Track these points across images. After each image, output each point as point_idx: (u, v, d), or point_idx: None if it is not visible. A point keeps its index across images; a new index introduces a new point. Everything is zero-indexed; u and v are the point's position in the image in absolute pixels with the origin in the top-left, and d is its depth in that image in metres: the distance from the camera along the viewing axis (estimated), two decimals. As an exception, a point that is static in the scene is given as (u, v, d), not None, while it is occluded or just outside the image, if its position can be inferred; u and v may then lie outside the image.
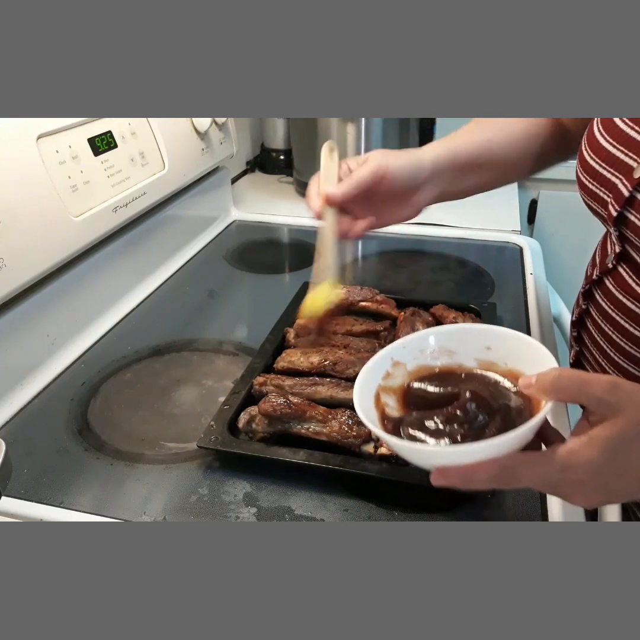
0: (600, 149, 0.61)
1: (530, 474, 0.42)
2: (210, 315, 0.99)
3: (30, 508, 0.61)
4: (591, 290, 0.68)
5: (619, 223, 0.58)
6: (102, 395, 0.78)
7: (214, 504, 0.61)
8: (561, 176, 1.70)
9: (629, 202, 0.56)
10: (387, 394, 0.51)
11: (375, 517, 0.59)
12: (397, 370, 0.52)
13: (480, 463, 0.41)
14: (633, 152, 0.57)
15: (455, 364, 0.52)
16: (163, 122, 1.02)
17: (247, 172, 1.66)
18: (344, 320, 0.83)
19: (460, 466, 0.42)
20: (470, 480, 0.42)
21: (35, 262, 0.75)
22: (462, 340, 0.52)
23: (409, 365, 0.53)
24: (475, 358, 0.52)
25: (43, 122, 0.77)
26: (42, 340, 0.81)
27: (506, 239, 1.21)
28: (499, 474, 0.42)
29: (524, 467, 0.42)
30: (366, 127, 1.33)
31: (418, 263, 1.15)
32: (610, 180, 0.59)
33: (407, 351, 0.53)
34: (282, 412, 0.65)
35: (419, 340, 0.53)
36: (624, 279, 0.61)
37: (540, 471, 0.42)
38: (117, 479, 0.64)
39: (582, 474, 0.41)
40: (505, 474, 0.42)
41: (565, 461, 0.41)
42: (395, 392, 0.52)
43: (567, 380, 0.42)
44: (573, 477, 0.41)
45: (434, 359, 0.53)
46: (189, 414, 0.74)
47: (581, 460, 0.41)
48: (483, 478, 0.42)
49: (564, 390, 0.43)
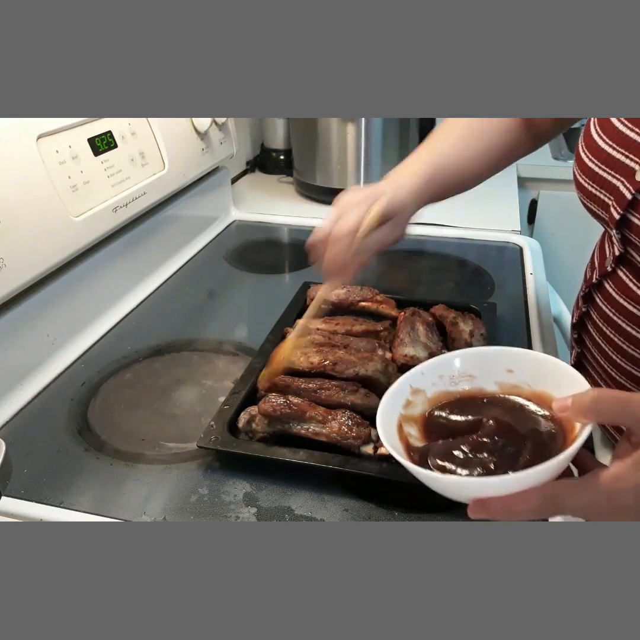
0: (599, 151, 0.61)
1: (576, 502, 0.40)
2: (210, 315, 0.99)
3: (30, 508, 0.61)
4: (591, 294, 0.67)
5: (621, 226, 0.58)
6: (102, 395, 0.78)
7: (214, 504, 0.61)
8: (561, 176, 1.71)
9: (632, 205, 0.56)
10: (408, 423, 0.49)
11: (375, 517, 0.59)
12: (417, 397, 0.51)
13: (521, 493, 0.39)
14: (634, 154, 0.57)
15: (475, 388, 0.51)
16: (163, 122, 1.02)
17: (247, 172, 1.66)
18: (344, 320, 0.83)
19: (501, 497, 0.40)
20: (512, 512, 0.40)
21: (35, 262, 0.75)
22: (482, 363, 0.51)
23: (428, 392, 0.51)
24: (495, 382, 0.50)
25: (43, 122, 0.77)
26: (42, 340, 0.81)
27: (506, 239, 1.21)
28: (542, 504, 0.40)
29: (568, 496, 0.40)
30: (366, 127, 1.33)
31: (418, 263, 1.15)
32: (611, 183, 0.59)
33: (426, 377, 0.51)
34: (282, 412, 0.65)
35: (437, 366, 0.52)
36: (624, 282, 0.61)
37: (586, 499, 0.40)
38: (117, 479, 0.64)
39: (629, 500, 0.39)
40: (548, 504, 0.40)
41: (612, 486, 0.39)
42: (416, 421, 0.50)
43: (607, 401, 0.40)
44: (620, 503, 0.39)
45: (453, 384, 0.51)
46: (189, 414, 0.74)
47: (627, 485, 0.39)
48: (525, 509, 0.39)
49: (605, 412, 0.41)
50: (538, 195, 1.74)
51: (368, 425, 0.65)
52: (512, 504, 0.39)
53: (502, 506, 0.40)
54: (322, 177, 1.41)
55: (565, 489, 0.40)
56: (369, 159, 1.36)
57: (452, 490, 0.43)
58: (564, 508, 0.40)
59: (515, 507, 0.39)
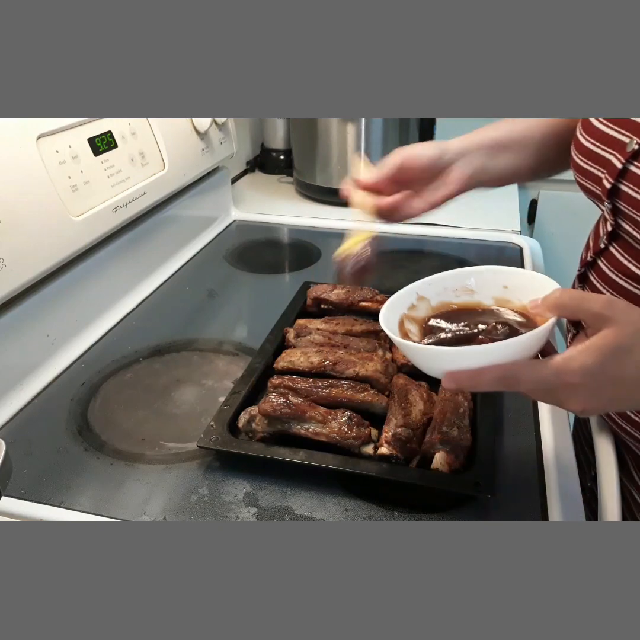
0: (594, 130, 0.63)
1: (529, 377, 0.46)
2: (210, 315, 0.99)
3: (30, 508, 0.61)
4: (586, 273, 0.69)
5: (612, 196, 0.59)
6: (102, 395, 0.78)
7: (214, 504, 0.61)
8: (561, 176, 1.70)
9: (622, 174, 0.57)
10: (410, 322, 0.56)
11: (375, 517, 0.59)
12: (421, 303, 0.57)
13: (486, 366, 0.46)
14: (626, 129, 0.58)
15: (474, 301, 0.57)
16: (163, 122, 1.02)
17: (247, 172, 1.66)
18: (344, 320, 0.84)
19: (468, 369, 0.46)
20: (477, 382, 0.47)
21: (35, 262, 0.75)
22: (482, 280, 0.57)
23: (432, 301, 0.58)
24: (492, 296, 0.56)
25: (43, 122, 0.77)
26: (42, 340, 0.81)
27: (506, 239, 1.21)
28: (502, 375, 0.46)
29: (523, 371, 0.46)
30: (366, 127, 1.33)
31: (418, 263, 1.15)
32: (604, 157, 0.61)
33: (432, 288, 0.58)
34: (281, 412, 0.65)
35: (443, 279, 0.58)
36: (616, 258, 0.62)
37: (537, 375, 0.45)
38: (117, 479, 0.64)
39: (575, 378, 0.44)
40: (507, 377, 0.46)
41: (560, 365, 0.44)
42: (417, 322, 0.56)
43: (568, 297, 0.46)
44: (567, 380, 0.44)
45: (456, 297, 0.58)
46: (189, 414, 0.74)
47: (575, 365, 0.44)
48: (488, 379, 0.46)
49: (566, 307, 0.47)
50: (538, 195, 1.74)
51: (368, 425, 0.65)
52: (477, 375, 0.46)
53: (468, 376, 0.47)
54: (322, 177, 1.41)
55: (522, 365, 0.46)
56: (369, 159, 1.36)
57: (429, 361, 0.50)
58: (520, 382, 0.46)
59: (480, 377, 0.46)
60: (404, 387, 0.70)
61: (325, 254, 1.18)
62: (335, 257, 0.70)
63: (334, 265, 0.70)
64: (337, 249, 0.69)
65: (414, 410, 0.66)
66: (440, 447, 0.62)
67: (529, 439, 0.68)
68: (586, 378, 0.44)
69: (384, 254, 1.21)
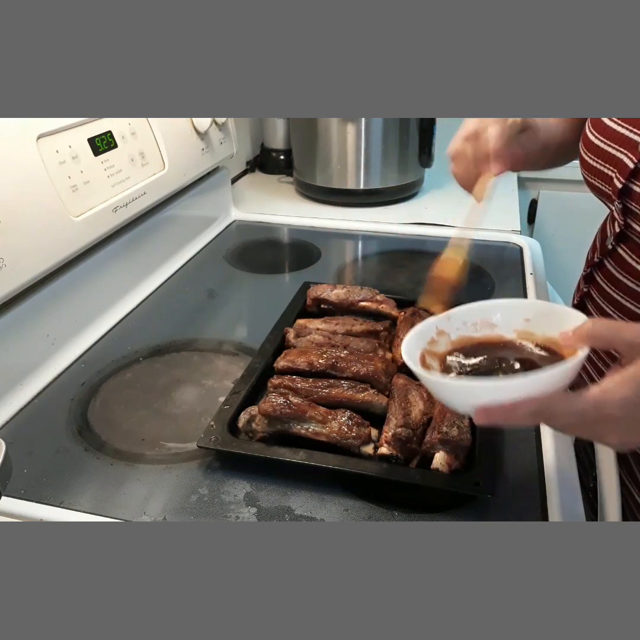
0: (605, 128, 0.62)
1: (566, 411, 0.44)
2: (210, 315, 0.98)
3: (30, 508, 0.61)
4: (592, 274, 0.69)
5: (623, 195, 0.59)
6: (102, 395, 0.78)
7: (214, 504, 0.61)
8: (561, 176, 1.70)
9: (634, 174, 0.57)
10: (431, 357, 0.55)
11: (375, 517, 0.59)
12: (441, 338, 0.56)
13: (520, 401, 0.44)
14: (638, 129, 0.58)
15: (495, 335, 0.56)
16: (163, 122, 1.02)
17: (247, 172, 1.66)
18: (344, 320, 0.83)
19: (502, 404, 0.45)
20: (511, 417, 0.45)
21: (35, 262, 0.75)
22: (503, 313, 0.56)
23: (452, 335, 0.57)
24: (514, 329, 0.55)
25: (43, 122, 0.77)
26: (42, 340, 0.81)
27: (506, 239, 1.21)
28: (537, 410, 0.44)
29: (560, 404, 0.44)
30: (366, 127, 1.33)
31: (418, 263, 1.15)
32: (615, 156, 0.60)
33: (451, 322, 0.57)
34: (281, 412, 0.65)
35: (463, 314, 0.57)
36: (623, 259, 0.62)
37: (575, 408, 0.44)
38: (117, 479, 0.64)
39: (615, 410, 0.43)
40: (542, 411, 0.44)
41: (600, 398, 0.43)
42: (439, 357, 0.55)
43: (602, 327, 0.46)
44: (607, 412, 0.43)
45: (475, 331, 0.57)
46: (189, 414, 0.74)
47: (615, 397, 0.42)
48: (523, 414, 0.44)
49: (599, 337, 0.46)
50: (538, 195, 1.74)
51: (368, 425, 0.65)
52: (511, 410, 0.44)
53: (502, 411, 0.45)
54: (322, 177, 1.41)
55: (559, 398, 0.45)
56: (369, 159, 1.36)
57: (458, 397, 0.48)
58: (556, 415, 0.44)
59: (514, 411, 0.44)
60: (404, 387, 0.70)
61: (325, 254, 1.18)
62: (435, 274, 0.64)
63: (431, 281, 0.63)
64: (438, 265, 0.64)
65: (414, 410, 0.67)
66: (440, 447, 0.62)
67: (529, 439, 0.68)
68: (626, 410, 0.43)
69: (384, 254, 1.21)
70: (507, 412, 0.45)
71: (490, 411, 0.45)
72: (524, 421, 0.45)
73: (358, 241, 1.28)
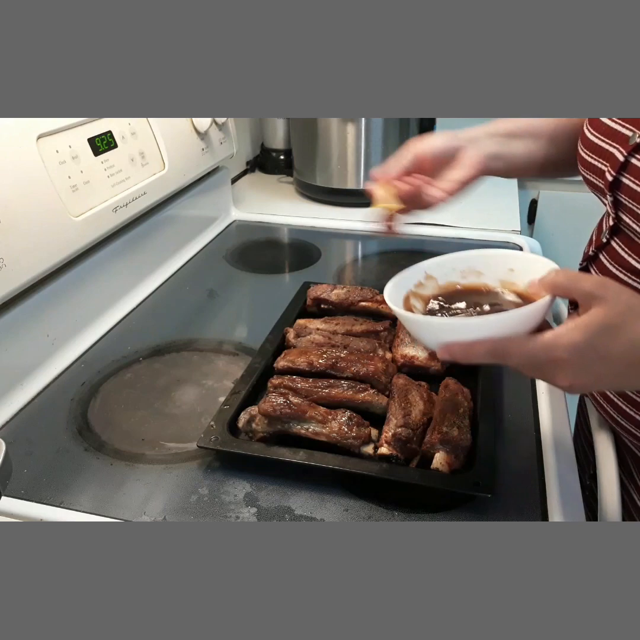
0: (600, 125, 0.63)
1: (519, 351, 0.47)
2: (210, 315, 0.99)
3: (30, 508, 0.61)
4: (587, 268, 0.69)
5: (613, 188, 0.60)
6: (102, 395, 0.78)
7: (214, 504, 0.61)
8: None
9: (624, 167, 0.58)
10: (415, 298, 0.57)
11: (375, 517, 0.59)
12: (428, 282, 0.59)
13: (478, 340, 0.47)
14: (630, 124, 0.59)
15: (480, 283, 0.58)
16: (163, 122, 1.02)
17: (247, 172, 1.66)
18: (344, 320, 0.84)
19: (462, 342, 0.48)
20: (470, 354, 0.48)
21: (35, 262, 0.75)
22: (489, 262, 0.58)
23: (439, 280, 0.59)
24: (498, 279, 0.57)
25: (43, 122, 0.77)
26: (42, 340, 0.81)
27: (506, 239, 1.21)
28: (493, 349, 0.47)
29: (514, 345, 0.47)
30: (366, 127, 1.33)
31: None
32: (608, 151, 0.61)
33: (440, 268, 0.59)
34: (281, 412, 0.65)
35: (451, 260, 0.60)
36: (617, 252, 0.63)
37: (527, 350, 0.46)
38: (117, 479, 0.64)
39: (564, 354, 0.45)
40: (498, 350, 0.47)
41: (549, 341, 0.45)
42: (423, 299, 0.58)
43: (563, 277, 0.48)
44: (555, 355, 0.45)
45: (462, 277, 0.59)
46: (189, 414, 0.74)
47: (564, 341, 0.45)
48: (480, 352, 0.47)
49: (560, 286, 0.48)
50: (538, 195, 1.74)
51: (368, 425, 0.65)
52: (469, 347, 0.48)
53: (461, 348, 0.48)
54: (322, 177, 1.41)
55: (513, 340, 0.47)
56: (369, 159, 1.36)
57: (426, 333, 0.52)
58: (510, 356, 0.47)
59: (472, 349, 0.48)
60: (404, 387, 0.70)
61: (325, 254, 1.18)
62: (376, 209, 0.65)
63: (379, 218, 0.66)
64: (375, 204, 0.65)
65: (414, 410, 0.67)
66: (440, 447, 0.62)
67: (529, 439, 0.68)
68: (574, 354, 0.45)
69: (384, 254, 1.21)
70: (466, 349, 0.48)
71: (451, 348, 0.49)
72: (482, 359, 0.48)
73: (358, 241, 1.28)
